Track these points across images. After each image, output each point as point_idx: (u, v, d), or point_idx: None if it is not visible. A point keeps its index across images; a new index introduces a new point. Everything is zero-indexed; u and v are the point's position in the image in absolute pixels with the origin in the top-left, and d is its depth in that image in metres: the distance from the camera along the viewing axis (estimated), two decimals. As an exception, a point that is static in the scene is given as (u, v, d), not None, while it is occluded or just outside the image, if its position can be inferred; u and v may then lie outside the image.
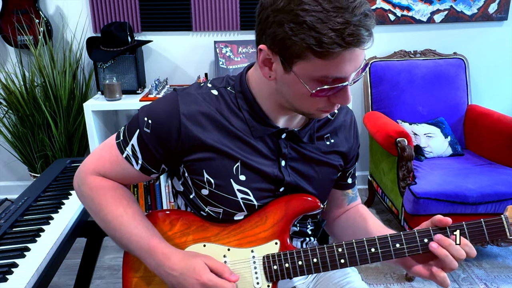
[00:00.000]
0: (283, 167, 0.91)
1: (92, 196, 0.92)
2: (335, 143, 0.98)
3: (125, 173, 0.92)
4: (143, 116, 0.88)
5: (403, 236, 0.85)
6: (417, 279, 2.08)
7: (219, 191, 0.89)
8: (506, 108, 2.88)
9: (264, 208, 0.92)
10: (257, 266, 0.89)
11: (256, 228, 0.91)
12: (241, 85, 0.90)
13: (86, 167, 0.94)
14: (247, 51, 2.61)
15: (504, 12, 2.75)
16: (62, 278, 2.10)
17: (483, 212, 1.99)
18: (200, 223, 0.94)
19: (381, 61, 2.66)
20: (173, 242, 0.91)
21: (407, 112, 2.59)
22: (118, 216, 0.89)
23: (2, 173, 2.93)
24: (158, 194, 2.57)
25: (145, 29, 2.68)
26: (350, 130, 1.02)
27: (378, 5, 2.69)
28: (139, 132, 0.88)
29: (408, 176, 2.07)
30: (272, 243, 0.90)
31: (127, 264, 0.95)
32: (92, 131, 2.39)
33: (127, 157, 0.91)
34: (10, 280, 0.93)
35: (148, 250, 0.85)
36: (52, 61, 2.51)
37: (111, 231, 0.90)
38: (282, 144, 0.91)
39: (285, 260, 0.87)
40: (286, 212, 0.91)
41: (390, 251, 0.85)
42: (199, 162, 0.88)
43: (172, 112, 0.86)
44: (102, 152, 0.94)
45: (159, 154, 0.88)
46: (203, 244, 0.91)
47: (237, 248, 0.90)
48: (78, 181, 0.96)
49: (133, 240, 0.87)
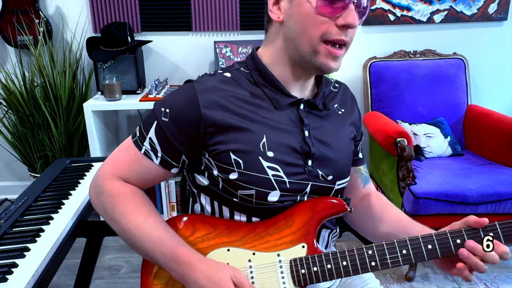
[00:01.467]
0: (307, 137, 0.91)
1: (111, 204, 0.89)
2: (346, 113, 1.02)
3: (146, 171, 0.91)
4: (159, 107, 0.88)
5: (435, 237, 0.83)
6: (417, 279, 2.09)
7: (249, 171, 0.87)
8: (506, 108, 2.89)
9: (290, 210, 0.90)
10: (283, 270, 0.86)
11: (282, 232, 0.89)
12: (254, 61, 0.93)
13: (104, 172, 0.92)
14: (247, 51, 2.61)
15: (504, 12, 2.75)
16: (62, 278, 2.10)
17: (483, 212, 1.99)
18: (224, 227, 0.91)
19: (381, 61, 2.67)
20: (196, 247, 0.88)
21: (407, 112, 2.59)
22: (139, 225, 0.86)
23: (2, 173, 2.93)
24: (158, 194, 2.58)
25: (145, 29, 2.68)
26: (352, 102, 1.06)
27: (378, 5, 2.69)
28: (157, 123, 0.87)
29: (408, 176, 2.07)
30: (299, 247, 0.88)
31: (146, 271, 0.92)
32: (92, 131, 2.39)
33: (146, 152, 0.89)
34: (10, 280, 0.93)
35: (173, 260, 0.83)
36: (52, 61, 2.51)
37: (132, 240, 0.88)
38: (303, 114, 0.92)
39: (313, 264, 0.85)
40: (313, 214, 0.89)
41: (422, 252, 0.83)
42: (223, 144, 0.86)
43: (191, 98, 0.86)
44: (119, 155, 0.93)
45: (179, 143, 0.87)
46: (227, 249, 0.89)
47: (263, 252, 0.88)
48: (96, 190, 0.92)
49: (157, 251, 0.85)
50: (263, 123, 0.88)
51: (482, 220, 0.81)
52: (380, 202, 1.05)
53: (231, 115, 0.86)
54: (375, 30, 2.76)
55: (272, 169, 0.87)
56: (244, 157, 0.87)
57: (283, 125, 0.90)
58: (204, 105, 0.85)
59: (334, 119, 0.99)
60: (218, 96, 0.87)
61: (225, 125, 0.86)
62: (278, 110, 0.91)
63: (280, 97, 0.91)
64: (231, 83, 0.90)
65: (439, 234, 0.83)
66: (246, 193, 0.88)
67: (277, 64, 0.91)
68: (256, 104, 0.89)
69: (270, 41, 0.93)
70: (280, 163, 0.88)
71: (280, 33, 0.89)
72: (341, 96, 1.04)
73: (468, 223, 0.83)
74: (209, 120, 0.85)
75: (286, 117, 0.91)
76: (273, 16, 0.88)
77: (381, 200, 1.06)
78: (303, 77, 0.93)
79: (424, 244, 0.83)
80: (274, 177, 0.88)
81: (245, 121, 0.87)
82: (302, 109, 0.93)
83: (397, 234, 0.93)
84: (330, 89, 1.03)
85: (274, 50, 0.91)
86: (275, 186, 0.88)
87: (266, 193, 0.88)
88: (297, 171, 0.90)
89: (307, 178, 0.92)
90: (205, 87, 0.88)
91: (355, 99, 1.08)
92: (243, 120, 0.87)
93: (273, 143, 0.88)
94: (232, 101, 0.87)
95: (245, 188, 0.88)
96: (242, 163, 0.87)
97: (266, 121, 0.89)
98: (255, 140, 0.87)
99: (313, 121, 0.94)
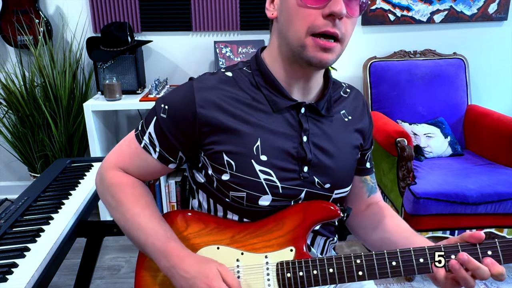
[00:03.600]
0: (305, 143, 0.89)
1: (112, 193, 0.92)
2: (353, 120, 0.98)
3: (145, 165, 0.92)
4: (160, 103, 0.89)
5: (428, 251, 0.80)
6: (417, 279, 2.08)
7: (240, 173, 0.87)
8: (506, 108, 2.89)
9: (282, 212, 0.90)
10: (270, 272, 0.86)
11: (272, 233, 0.88)
12: (257, 62, 0.92)
13: (108, 162, 0.95)
14: (247, 51, 2.61)
15: (504, 12, 2.75)
16: (62, 278, 2.10)
17: (483, 212, 2.00)
18: (216, 225, 0.92)
19: (381, 61, 2.67)
20: (187, 243, 0.90)
21: (407, 112, 2.59)
22: (135, 216, 0.88)
23: (2, 173, 2.93)
24: (158, 194, 2.58)
25: (145, 29, 2.68)
26: (363, 109, 1.02)
27: (378, 5, 2.69)
28: (156, 119, 0.89)
29: (408, 176, 2.07)
30: (287, 250, 0.87)
31: (141, 264, 0.94)
32: (92, 131, 2.39)
33: (145, 146, 0.91)
34: (10, 280, 0.93)
35: (163, 252, 0.84)
36: (52, 61, 2.51)
37: (128, 229, 0.90)
38: (302, 119, 0.90)
39: (300, 269, 0.84)
40: (304, 218, 0.88)
41: (412, 265, 0.80)
42: (217, 145, 0.87)
43: (188, 96, 0.86)
44: (123, 147, 0.96)
45: (176, 140, 0.88)
46: (217, 247, 0.89)
47: (251, 253, 0.88)
48: (99, 177, 0.96)
49: (149, 242, 0.86)
50: (259, 126, 0.87)
51: (477, 234, 0.78)
52: (385, 213, 1.02)
53: (227, 116, 0.86)
54: (375, 30, 2.76)
55: (264, 173, 0.87)
56: (236, 159, 0.86)
57: (280, 129, 0.88)
58: (200, 104, 0.85)
59: (338, 125, 0.95)
60: (215, 95, 0.87)
61: (220, 125, 0.86)
62: (276, 113, 0.89)
63: (279, 99, 0.89)
64: (231, 83, 0.90)
65: (432, 248, 0.80)
66: (237, 195, 0.88)
67: (275, 63, 0.90)
68: (254, 106, 0.88)
69: (271, 40, 0.93)
70: (274, 167, 0.87)
71: (275, 30, 0.89)
72: (351, 103, 1.00)
73: (464, 238, 0.80)
74: (204, 120, 0.85)
75: (284, 120, 0.89)
76: (268, 13, 0.89)
77: (386, 211, 1.03)
78: (303, 76, 0.90)
79: (415, 258, 0.80)
80: (266, 181, 0.87)
81: (240, 122, 0.86)
82: (302, 113, 0.90)
83: (396, 245, 0.91)
84: (340, 93, 1.00)
85: (272, 49, 0.91)
86: (267, 190, 0.87)
87: (257, 197, 0.88)
88: (291, 176, 0.89)
89: (302, 184, 0.90)
90: (204, 85, 0.88)
91: (367, 107, 1.04)
92: (239, 121, 0.86)
93: (268, 147, 0.87)
94: (229, 101, 0.87)
95: (236, 190, 0.88)
96: (234, 164, 0.87)
97: (262, 124, 0.87)
98: (249, 143, 0.86)
99: (313, 126, 0.91)
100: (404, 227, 0.98)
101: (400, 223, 0.99)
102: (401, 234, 0.95)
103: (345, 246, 2.40)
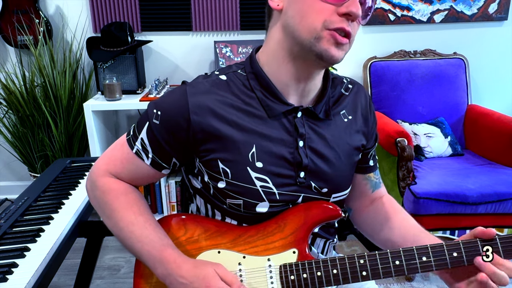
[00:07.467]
0: (301, 148, 0.87)
1: (105, 200, 0.90)
2: (354, 120, 0.95)
3: (137, 170, 0.90)
4: (152, 108, 0.87)
5: (430, 249, 0.80)
6: (417, 279, 2.09)
7: (236, 181, 0.85)
8: (506, 108, 2.89)
9: (282, 214, 0.88)
10: (273, 275, 0.85)
11: (273, 236, 0.87)
12: (252, 64, 0.88)
13: (98, 168, 0.92)
14: (247, 51, 2.61)
15: (504, 12, 2.75)
16: (62, 278, 2.10)
17: (483, 212, 1.99)
18: (216, 229, 0.90)
19: (381, 61, 2.66)
20: (186, 248, 0.88)
21: (407, 112, 2.58)
22: (129, 224, 0.86)
23: (2, 173, 2.93)
24: (158, 194, 2.58)
25: (145, 29, 2.68)
26: (366, 105, 0.99)
27: (378, 5, 2.69)
28: (149, 124, 0.86)
29: (408, 176, 2.07)
30: (289, 252, 0.86)
31: (138, 272, 0.92)
32: (92, 131, 2.39)
33: (137, 152, 0.89)
34: (10, 280, 0.93)
35: (159, 260, 0.83)
36: (52, 61, 2.51)
37: (122, 238, 0.88)
38: (299, 123, 0.87)
39: (303, 270, 0.83)
40: (305, 220, 0.87)
41: (416, 263, 0.80)
42: (212, 152, 0.85)
43: (181, 102, 0.84)
44: (114, 152, 0.93)
45: (169, 146, 0.86)
46: (218, 251, 0.88)
47: (253, 256, 0.87)
48: (90, 184, 0.93)
49: (145, 250, 0.84)
50: (254, 132, 0.85)
51: (489, 231, 0.78)
52: (390, 208, 1.01)
53: (221, 123, 0.84)
54: (375, 30, 2.76)
55: (261, 180, 0.85)
56: (231, 167, 0.85)
57: (276, 135, 0.86)
58: (194, 110, 0.83)
59: (337, 128, 0.92)
60: (209, 101, 0.84)
61: (214, 132, 0.83)
62: (271, 118, 0.86)
63: (274, 104, 0.86)
64: (225, 87, 0.87)
65: (435, 246, 0.80)
66: (234, 202, 0.87)
67: (273, 61, 0.86)
68: (248, 111, 0.85)
69: (269, 36, 0.87)
70: (269, 174, 0.85)
71: (278, 23, 0.84)
72: (351, 101, 0.96)
73: (475, 234, 0.80)
74: (198, 126, 0.83)
75: (280, 125, 0.87)
76: (272, 4, 0.83)
77: (391, 205, 1.02)
78: (304, 75, 0.86)
79: (418, 256, 0.80)
80: (262, 189, 0.86)
81: (234, 129, 0.84)
82: (299, 117, 0.88)
83: (405, 243, 0.91)
84: (341, 91, 0.96)
85: (272, 45, 0.86)
86: (263, 197, 0.86)
87: (254, 204, 0.86)
88: (287, 182, 0.87)
89: (299, 190, 0.89)
90: (197, 90, 0.85)
91: (370, 102, 1.00)
92: (233, 128, 0.84)
93: (263, 153, 0.85)
94: (223, 107, 0.84)
95: (233, 198, 0.87)
96: (230, 172, 0.85)
97: (257, 130, 0.85)
98: (244, 150, 0.84)
99: (310, 130, 0.89)
100: (411, 224, 0.98)
101: (405, 222, 0.98)
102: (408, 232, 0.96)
103: (345, 246, 2.40)
